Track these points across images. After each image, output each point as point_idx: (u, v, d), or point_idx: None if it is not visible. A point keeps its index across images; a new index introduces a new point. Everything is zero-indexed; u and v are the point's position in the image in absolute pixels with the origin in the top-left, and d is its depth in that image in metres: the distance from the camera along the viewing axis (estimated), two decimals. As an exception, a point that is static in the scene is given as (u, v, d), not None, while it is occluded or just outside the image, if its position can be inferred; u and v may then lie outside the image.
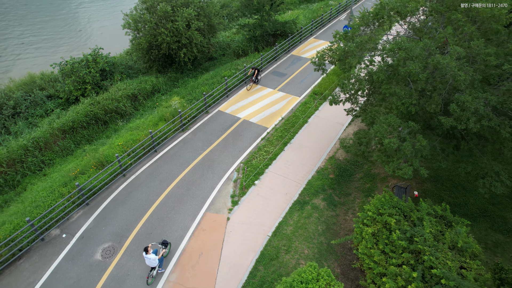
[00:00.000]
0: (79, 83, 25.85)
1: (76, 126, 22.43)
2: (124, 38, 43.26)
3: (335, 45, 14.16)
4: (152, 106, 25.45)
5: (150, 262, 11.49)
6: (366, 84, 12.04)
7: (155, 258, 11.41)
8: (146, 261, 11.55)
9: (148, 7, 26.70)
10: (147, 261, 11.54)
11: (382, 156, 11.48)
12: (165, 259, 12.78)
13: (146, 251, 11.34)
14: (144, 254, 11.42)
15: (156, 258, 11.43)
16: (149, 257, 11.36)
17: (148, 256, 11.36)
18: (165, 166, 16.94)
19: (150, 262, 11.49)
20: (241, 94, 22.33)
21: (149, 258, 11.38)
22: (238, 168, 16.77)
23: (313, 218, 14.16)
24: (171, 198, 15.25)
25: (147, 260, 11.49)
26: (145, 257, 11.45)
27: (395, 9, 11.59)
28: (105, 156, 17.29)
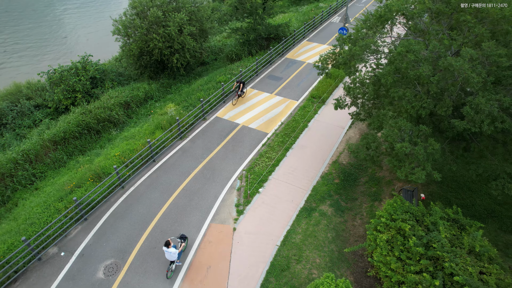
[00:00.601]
0: (68, 92, 25.02)
1: (68, 137, 21.65)
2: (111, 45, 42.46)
3: (338, 49, 13.95)
4: (145, 113, 24.82)
5: (170, 256, 11.65)
6: (373, 87, 11.84)
7: (175, 252, 11.56)
8: (166, 255, 11.70)
9: (138, 12, 26.12)
10: (167, 255, 11.71)
11: (393, 161, 11.28)
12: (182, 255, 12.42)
13: (167, 245, 11.46)
14: (165, 248, 11.54)
15: (176, 252, 11.59)
16: (170, 251, 11.50)
17: (169, 250, 11.50)
18: (165, 176, 16.40)
19: (170, 256, 11.65)
20: (238, 99, 21.94)
21: (169, 252, 11.52)
22: (240, 176, 16.36)
23: (321, 225, 13.87)
24: (174, 209, 14.73)
25: (167, 254, 11.65)
26: (166, 251, 11.60)
27: (401, 11, 11.45)
28: (102, 167, 16.62)
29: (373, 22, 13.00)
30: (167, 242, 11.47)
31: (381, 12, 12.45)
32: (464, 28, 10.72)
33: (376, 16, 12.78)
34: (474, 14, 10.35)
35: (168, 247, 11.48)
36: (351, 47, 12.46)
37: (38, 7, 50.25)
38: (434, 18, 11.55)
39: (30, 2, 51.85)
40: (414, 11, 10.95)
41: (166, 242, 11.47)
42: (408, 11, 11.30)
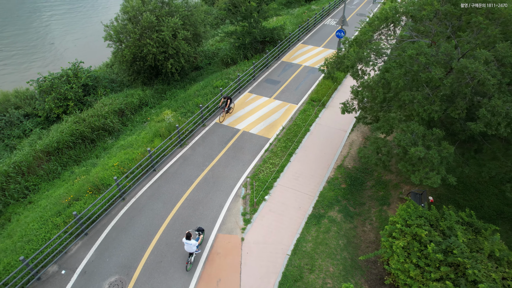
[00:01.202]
0: (60, 100, 24.23)
1: (61, 147, 20.89)
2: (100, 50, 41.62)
3: (343, 52, 13.72)
4: (141, 120, 24.22)
5: (190, 247, 11.88)
6: (383, 91, 11.63)
7: (195, 244, 11.80)
8: (186, 246, 11.91)
9: (131, 17, 25.52)
10: (186, 247, 11.93)
11: (406, 165, 11.07)
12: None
13: (188, 237, 11.70)
14: (186, 240, 11.77)
15: (196, 244, 11.83)
16: (191, 243, 11.74)
17: (190, 242, 11.74)
18: (166, 186, 15.88)
19: (190, 247, 11.88)
20: (237, 104, 21.58)
21: (190, 243, 11.75)
22: (245, 183, 15.96)
23: (332, 232, 13.57)
24: (178, 220, 14.22)
25: (187, 246, 11.86)
26: (186, 243, 11.82)
27: (410, 13, 11.29)
28: (101, 179, 16.00)
29: (378, 24, 12.82)
30: (188, 234, 11.73)
31: (388, 14, 12.29)
32: (475, 29, 10.61)
33: (382, 18, 12.61)
34: (486, 14, 10.26)
35: (189, 239, 11.76)
36: (358, 50, 12.25)
37: (22, 13, 48.94)
38: (443, 19, 11.43)
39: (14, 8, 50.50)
40: (424, 12, 10.80)
41: (187, 234, 11.73)
42: (416, 13, 11.15)
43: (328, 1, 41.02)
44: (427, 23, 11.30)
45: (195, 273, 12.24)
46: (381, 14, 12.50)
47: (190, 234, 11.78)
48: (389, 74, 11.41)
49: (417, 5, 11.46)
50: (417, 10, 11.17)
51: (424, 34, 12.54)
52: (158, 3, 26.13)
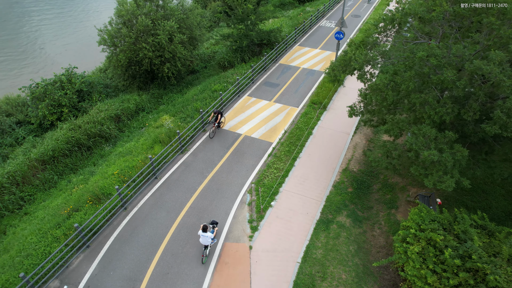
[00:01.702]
0: (54, 107, 23.58)
1: (57, 155, 20.28)
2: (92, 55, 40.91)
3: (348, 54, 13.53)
4: (138, 126, 23.72)
5: (206, 240, 12.04)
6: (392, 93, 11.44)
7: (211, 236, 12.05)
8: (202, 239, 12.06)
9: (125, 21, 25.03)
10: (202, 239, 12.07)
11: (419, 169, 10.88)
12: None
13: (205, 230, 11.86)
14: (201, 232, 11.93)
15: (212, 236, 12.07)
16: (207, 235, 11.92)
17: (206, 234, 11.92)
18: (169, 194, 15.45)
19: (206, 240, 12.04)
20: (237, 108, 21.25)
21: (206, 236, 11.92)
22: (250, 189, 15.63)
23: (342, 238, 13.32)
24: (183, 230, 13.81)
25: (203, 238, 12.01)
26: (202, 235, 11.96)
27: (418, 14, 11.14)
28: (101, 188, 15.50)
29: (385, 26, 12.65)
30: (204, 226, 11.88)
31: (394, 16, 12.13)
32: (485, 30, 10.50)
33: (388, 20, 12.44)
34: (497, 15, 10.16)
35: (205, 232, 11.92)
36: (365, 52, 12.05)
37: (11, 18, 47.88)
38: (451, 20, 11.31)
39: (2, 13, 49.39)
40: (433, 14, 10.66)
41: (204, 226, 11.88)
42: (425, 14, 11.00)
43: (322, 2, 41.02)
44: (435, 24, 11.17)
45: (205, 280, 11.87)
46: (387, 16, 12.33)
47: (206, 226, 11.93)
48: (399, 76, 11.22)
49: (424, 6, 11.32)
50: (425, 11, 11.03)
51: (429, 35, 12.41)
52: (153, 7, 25.71)
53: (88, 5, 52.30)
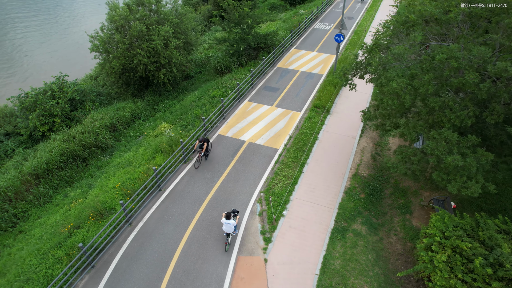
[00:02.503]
0: (45, 117, 22.58)
1: (51, 168, 19.33)
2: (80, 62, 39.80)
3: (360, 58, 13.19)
4: (135, 135, 22.92)
5: (229, 227, 12.32)
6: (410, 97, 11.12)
7: (234, 223, 12.28)
8: (225, 227, 12.34)
9: (118, 27, 24.24)
10: (225, 227, 12.34)
11: (441, 175, 10.56)
12: None
13: (228, 217, 12.24)
14: (225, 220, 12.24)
15: (235, 224, 12.32)
16: (230, 222, 12.20)
17: (230, 221, 12.21)
18: (175, 206, 14.77)
19: (229, 227, 12.32)
20: (238, 114, 20.71)
21: (229, 223, 12.21)
22: (259, 199, 15.10)
23: (359, 246, 12.91)
24: (193, 244, 13.16)
25: (226, 226, 12.29)
26: (225, 223, 12.25)
27: (435, 16, 10.87)
28: (102, 203, 14.71)
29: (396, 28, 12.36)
30: (227, 214, 12.25)
31: (407, 18, 11.84)
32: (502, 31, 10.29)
33: (400, 21, 12.16)
34: (517, 16, 9.98)
35: (229, 219, 12.28)
36: (380, 55, 11.72)
37: (-7, 25, 46.23)
38: (466, 22, 11.09)
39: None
40: (451, 15, 10.41)
41: (227, 214, 12.25)
42: (441, 15, 10.74)
43: (315, 5, 40.94)
44: (452, 25, 10.93)
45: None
46: (399, 17, 12.04)
47: (229, 214, 12.28)
48: (416, 80, 10.92)
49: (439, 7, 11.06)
50: (442, 12, 10.77)
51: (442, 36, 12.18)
52: (146, 11, 25.00)
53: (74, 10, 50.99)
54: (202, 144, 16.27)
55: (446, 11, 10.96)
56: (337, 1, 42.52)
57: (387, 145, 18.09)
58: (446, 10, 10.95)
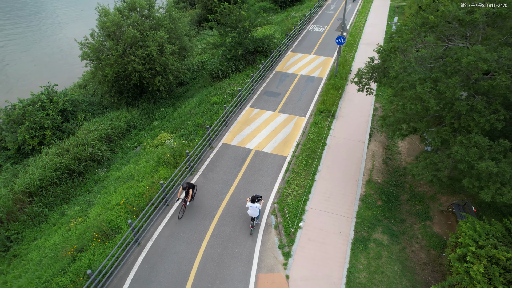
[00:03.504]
0: (35, 130, 21.28)
1: (45, 184, 18.14)
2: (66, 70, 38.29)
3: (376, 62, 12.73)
4: (132, 146, 21.91)
5: (255, 211, 12.70)
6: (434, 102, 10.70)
7: (260, 207, 12.73)
8: (250, 210, 12.71)
9: (110, 33, 23.19)
10: (251, 211, 12.71)
11: (473, 181, 10.16)
12: None
13: (253, 201, 12.62)
14: (251, 204, 12.63)
15: (260, 207, 12.74)
16: (256, 205, 12.61)
17: (255, 205, 12.61)
18: (186, 222, 13.93)
19: (255, 211, 12.70)
20: (241, 121, 20.00)
21: (255, 207, 12.62)
22: (273, 210, 14.43)
23: (384, 257, 12.39)
24: (209, 263, 12.36)
25: (252, 209, 12.66)
26: (251, 207, 12.63)
27: (459, 17, 10.51)
28: (107, 222, 13.74)
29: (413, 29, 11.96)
30: (253, 197, 12.64)
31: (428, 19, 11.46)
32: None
33: (418, 23, 11.77)
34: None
35: (254, 203, 12.63)
36: (401, 59, 11.28)
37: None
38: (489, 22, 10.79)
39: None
40: (476, 15, 10.07)
41: (253, 198, 12.64)
42: (465, 16, 10.40)
43: (306, 7, 40.71)
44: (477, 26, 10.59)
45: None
46: (419, 19, 11.66)
47: (255, 197, 12.65)
48: (442, 84, 10.51)
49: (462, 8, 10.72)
50: (465, 13, 10.43)
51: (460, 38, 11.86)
52: (138, 17, 24.04)
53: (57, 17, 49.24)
54: (188, 190, 13.84)
55: (469, 11, 10.63)
56: (328, 3, 42.43)
57: (397, 149, 17.74)
58: (469, 11, 10.62)
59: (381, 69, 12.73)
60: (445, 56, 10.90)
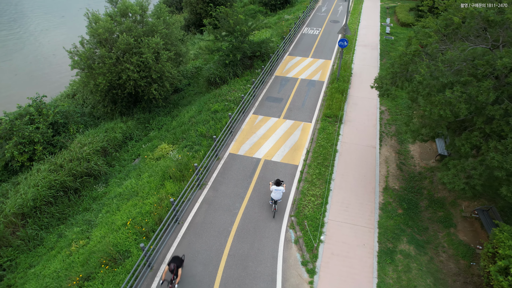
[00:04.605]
0: (24, 145, 19.85)
1: (39, 205, 16.84)
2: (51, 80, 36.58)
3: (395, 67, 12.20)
4: (129, 158, 20.77)
5: (279, 194, 12.97)
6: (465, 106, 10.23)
7: (284, 190, 13.07)
8: (275, 193, 12.97)
9: (101, 40, 22.02)
10: (275, 194, 12.98)
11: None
12: None
13: (278, 184, 12.90)
14: (275, 187, 12.92)
15: (284, 190, 13.08)
16: (280, 188, 12.94)
17: (279, 188, 12.93)
18: (199, 241, 13.00)
19: (279, 194, 12.97)
20: (245, 129, 19.19)
21: (280, 189, 12.93)
22: (291, 224, 13.68)
23: (414, 270, 11.81)
24: (230, 286, 11.48)
25: (276, 192, 12.94)
26: (276, 190, 12.91)
27: (490, 17, 10.08)
28: (114, 245, 12.67)
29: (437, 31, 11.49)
30: (278, 181, 12.89)
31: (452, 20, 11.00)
32: None
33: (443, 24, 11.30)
34: None
35: (279, 185, 12.92)
36: (428, 63, 10.77)
37: None
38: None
39: None
40: (508, 15, 9.65)
41: (277, 181, 12.89)
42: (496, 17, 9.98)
43: (297, 9, 40.32)
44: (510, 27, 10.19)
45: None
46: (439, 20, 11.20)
47: (279, 180, 12.88)
48: (473, 88, 10.04)
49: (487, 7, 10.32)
50: (495, 13, 10.02)
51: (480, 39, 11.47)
52: (131, 22, 22.93)
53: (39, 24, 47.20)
54: (176, 271, 10.64)
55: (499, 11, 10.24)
56: (318, 5, 42.18)
57: (409, 153, 17.33)
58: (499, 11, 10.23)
59: (403, 74, 12.24)
60: (473, 58, 10.44)
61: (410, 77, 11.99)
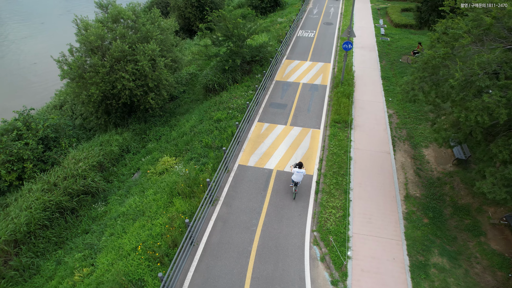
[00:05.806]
0: (12, 163, 18.31)
1: (33, 229, 15.41)
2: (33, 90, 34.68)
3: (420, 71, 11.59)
4: (128, 173, 19.52)
5: (299, 176, 13.32)
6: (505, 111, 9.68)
7: (304, 172, 13.50)
8: (296, 176, 13.34)
9: (93, 48, 20.70)
10: (297, 176, 13.34)
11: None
12: None
13: (300, 166, 13.35)
14: (297, 169, 13.28)
15: (305, 172, 13.56)
16: (302, 171, 13.28)
17: (301, 170, 13.29)
18: (218, 264, 11.98)
19: (299, 176, 13.32)
20: (252, 139, 18.28)
21: (301, 172, 13.27)
22: (315, 240, 12.84)
23: (452, 286, 11.16)
24: (257, 313, 10.54)
25: (298, 175, 13.30)
26: (297, 172, 13.27)
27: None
28: (126, 274, 11.50)
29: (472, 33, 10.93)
30: (300, 163, 13.40)
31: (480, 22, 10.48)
32: None
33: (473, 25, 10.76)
34: None
35: (301, 168, 13.34)
36: (462, 66, 10.18)
37: None
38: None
39: None
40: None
41: (300, 163, 13.39)
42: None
43: (289, 12, 39.78)
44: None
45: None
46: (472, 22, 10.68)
47: (301, 163, 13.38)
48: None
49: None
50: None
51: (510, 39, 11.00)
52: (123, 28, 21.68)
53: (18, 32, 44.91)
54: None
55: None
56: (309, 7, 41.77)
57: (424, 158, 16.82)
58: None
59: (431, 78, 11.66)
60: (509, 60, 9.92)
61: (438, 81, 11.42)
